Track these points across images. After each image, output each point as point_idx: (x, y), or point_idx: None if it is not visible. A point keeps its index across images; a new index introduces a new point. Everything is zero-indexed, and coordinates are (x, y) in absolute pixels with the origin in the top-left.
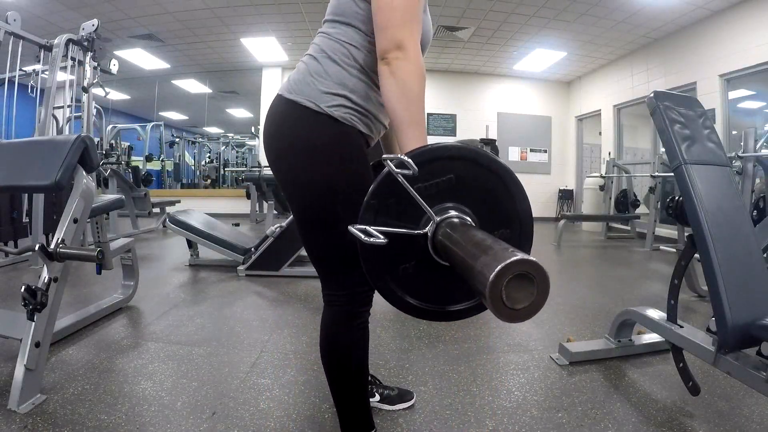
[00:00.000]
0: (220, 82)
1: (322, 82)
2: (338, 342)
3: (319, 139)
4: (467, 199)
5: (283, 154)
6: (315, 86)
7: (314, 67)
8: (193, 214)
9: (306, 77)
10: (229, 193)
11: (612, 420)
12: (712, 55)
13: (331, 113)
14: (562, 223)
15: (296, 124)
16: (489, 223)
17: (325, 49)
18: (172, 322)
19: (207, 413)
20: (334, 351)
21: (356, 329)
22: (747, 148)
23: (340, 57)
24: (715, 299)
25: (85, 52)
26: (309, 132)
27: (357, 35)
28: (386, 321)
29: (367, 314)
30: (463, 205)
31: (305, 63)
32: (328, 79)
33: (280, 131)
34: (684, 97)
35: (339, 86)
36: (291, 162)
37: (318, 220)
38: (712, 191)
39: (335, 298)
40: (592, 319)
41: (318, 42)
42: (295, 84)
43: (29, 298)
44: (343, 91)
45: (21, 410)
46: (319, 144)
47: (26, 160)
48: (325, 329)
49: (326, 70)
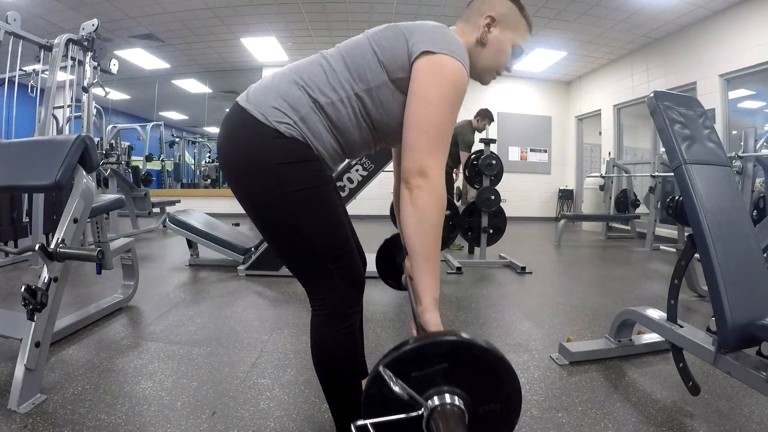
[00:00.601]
0: (220, 82)
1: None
2: (323, 346)
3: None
4: (461, 381)
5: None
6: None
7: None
8: (193, 214)
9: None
10: (229, 192)
11: (612, 420)
12: (712, 55)
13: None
14: (562, 222)
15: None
16: (481, 398)
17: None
18: (172, 322)
19: (207, 413)
20: (320, 355)
21: (341, 333)
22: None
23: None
24: (715, 299)
25: (85, 52)
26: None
27: (363, 105)
28: (386, 321)
29: (355, 317)
30: (456, 386)
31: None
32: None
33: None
34: (684, 96)
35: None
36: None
37: (280, 232)
38: (712, 191)
39: (315, 303)
40: (592, 318)
41: (316, 71)
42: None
43: (29, 298)
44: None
45: (21, 410)
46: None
47: (26, 160)
48: (311, 333)
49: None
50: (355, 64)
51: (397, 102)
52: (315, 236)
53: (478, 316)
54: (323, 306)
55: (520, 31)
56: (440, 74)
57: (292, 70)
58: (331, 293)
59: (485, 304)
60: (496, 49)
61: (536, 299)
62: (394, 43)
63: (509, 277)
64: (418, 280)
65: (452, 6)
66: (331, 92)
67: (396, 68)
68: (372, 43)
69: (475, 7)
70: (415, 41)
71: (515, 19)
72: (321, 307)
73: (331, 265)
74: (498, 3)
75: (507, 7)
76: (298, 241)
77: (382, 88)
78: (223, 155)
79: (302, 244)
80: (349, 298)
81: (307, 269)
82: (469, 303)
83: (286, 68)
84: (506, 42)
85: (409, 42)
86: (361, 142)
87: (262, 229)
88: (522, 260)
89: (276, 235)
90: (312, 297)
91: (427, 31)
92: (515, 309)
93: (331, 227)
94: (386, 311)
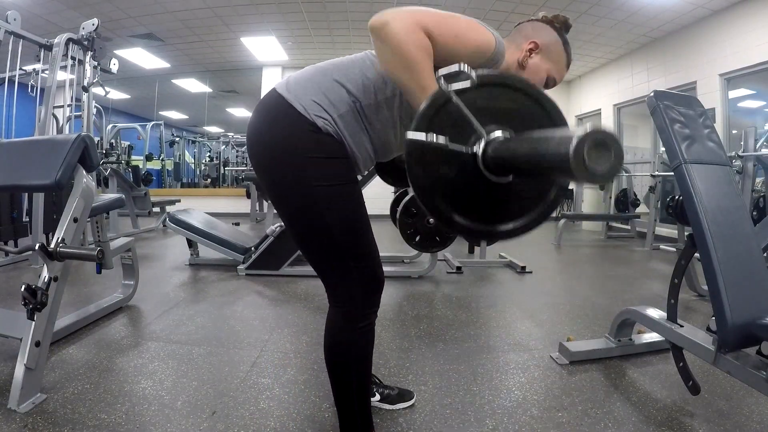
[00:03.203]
0: (220, 82)
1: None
2: (339, 343)
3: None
4: (511, 123)
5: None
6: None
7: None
8: (193, 214)
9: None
10: (229, 192)
11: (612, 419)
12: (712, 54)
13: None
14: (562, 222)
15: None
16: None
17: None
18: (172, 321)
19: (207, 412)
20: (335, 351)
21: (359, 332)
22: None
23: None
24: (715, 298)
25: (85, 52)
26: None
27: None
28: (386, 321)
29: (373, 317)
30: (506, 128)
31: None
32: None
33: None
34: (684, 96)
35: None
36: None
37: (305, 225)
38: (712, 190)
39: (335, 300)
40: (592, 318)
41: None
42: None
43: (29, 298)
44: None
45: (21, 409)
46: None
47: (26, 160)
48: (328, 328)
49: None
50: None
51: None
52: (339, 232)
53: (478, 316)
54: (342, 303)
55: (559, 65)
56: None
57: (337, 66)
58: (350, 290)
59: (485, 303)
60: (533, 75)
61: (536, 299)
62: None
63: (509, 277)
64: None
65: (452, 6)
66: (373, 94)
67: None
68: None
69: (523, 30)
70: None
71: (558, 52)
72: (340, 304)
73: (353, 263)
74: (546, 32)
75: (553, 38)
76: (321, 236)
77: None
78: (256, 141)
79: (325, 238)
80: (368, 297)
81: (329, 265)
82: (469, 302)
83: (329, 64)
84: (543, 71)
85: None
86: (395, 143)
87: (287, 220)
88: (522, 260)
89: (300, 228)
90: (331, 292)
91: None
92: (515, 308)
93: (355, 225)
94: (386, 311)
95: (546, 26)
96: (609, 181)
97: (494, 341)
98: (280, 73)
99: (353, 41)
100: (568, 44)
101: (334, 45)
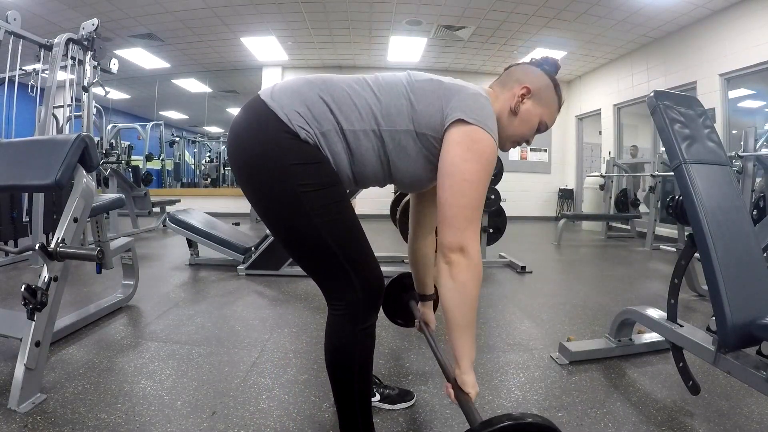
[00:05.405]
0: (220, 82)
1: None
2: (339, 345)
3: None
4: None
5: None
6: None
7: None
8: (193, 214)
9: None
10: (229, 192)
11: (612, 419)
12: (712, 54)
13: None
14: (562, 222)
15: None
16: None
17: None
18: (172, 321)
19: (207, 412)
20: (335, 354)
21: (359, 334)
22: (747, 148)
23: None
24: (715, 298)
25: (85, 52)
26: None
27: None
28: (386, 321)
29: (373, 318)
30: None
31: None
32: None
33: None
34: (684, 96)
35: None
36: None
37: (287, 228)
38: (712, 190)
39: (333, 303)
40: (592, 318)
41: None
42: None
43: (29, 298)
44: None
45: (21, 409)
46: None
47: (26, 160)
48: (328, 332)
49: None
50: (387, 103)
51: (416, 150)
52: (328, 233)
53: (478, 316)
54: (342, 306)
55: (550, 109)
56: (476, 150)
57: (326, 84)
58: (347, 294)
59: (485, 303)
60: (525, 120)
61: (536, 299)
62: (431, 100)
63: (509, 277)
64: (457, 346)
65: (452, 6)
66: (356, 121)
67: (425, 125)
68: (409, 91)
69: (514, 74)
70: (453, 106)
71: (549, 96)
72: (340, 307)
73: (348, 266)
74: (537, 77)
75: (545, 83)
76: (310, 239)
77: (406, 135)
78: (237, 148)
79: (315, 243)
80: (368, 298)
81: (322, 269)
82: None
83: (318, 79)
84: (535, 116)
85: (445, 105)
86: (373, 177)
87: (273, 229)
88: (522, 260)
89: (288, 235)
90: (329, 296)
91: (466, 99)
92: (515, 308)
93: (344, 227)
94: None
95: (536, 69)
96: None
97: (494, 341)
98: (280, 73)
99: (353, 41)
100: (558, 87)
101: (334, 45)
